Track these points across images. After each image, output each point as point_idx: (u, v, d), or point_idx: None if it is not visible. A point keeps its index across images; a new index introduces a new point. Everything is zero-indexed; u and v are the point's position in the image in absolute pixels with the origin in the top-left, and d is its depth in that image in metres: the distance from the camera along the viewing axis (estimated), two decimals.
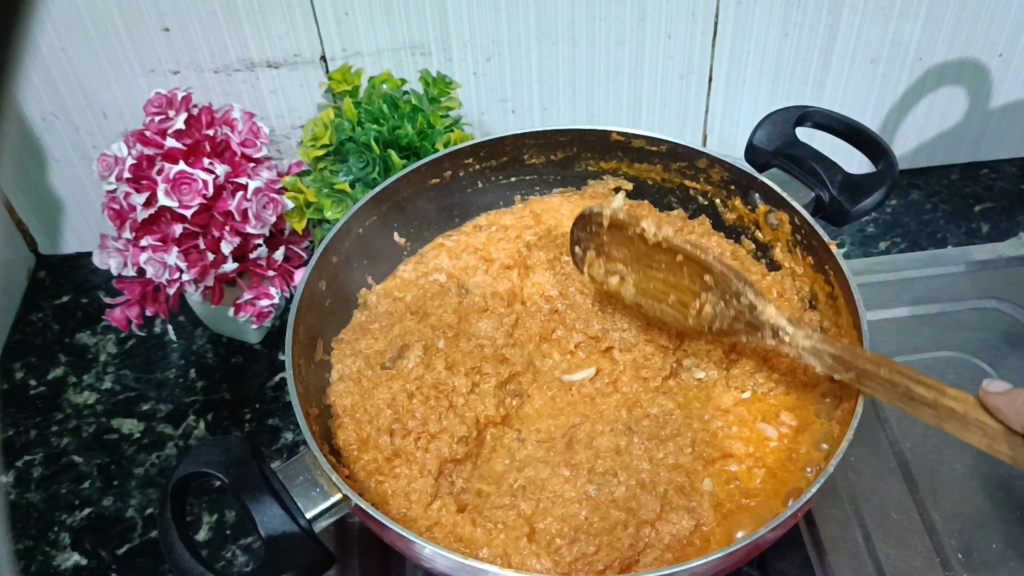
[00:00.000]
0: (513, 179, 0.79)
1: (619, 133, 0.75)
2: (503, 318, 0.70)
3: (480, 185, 0.78)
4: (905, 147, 1.02)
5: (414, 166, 0.74)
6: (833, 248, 0.66)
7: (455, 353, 0.68)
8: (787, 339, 0.59)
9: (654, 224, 0.63)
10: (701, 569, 0.52)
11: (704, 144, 0.99)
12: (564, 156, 0.78)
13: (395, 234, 0.76)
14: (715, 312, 0.61)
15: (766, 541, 0.55)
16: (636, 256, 0.65)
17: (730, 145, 0.97)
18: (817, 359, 0.58)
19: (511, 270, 0.75)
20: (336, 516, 0.56)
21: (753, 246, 0.76)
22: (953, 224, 0.99)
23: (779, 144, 0.73)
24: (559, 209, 0.80)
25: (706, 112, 0.96)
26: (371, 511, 0.54)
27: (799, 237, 0.71)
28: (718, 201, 0.76)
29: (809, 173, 0.71)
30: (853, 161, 0.74)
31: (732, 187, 0.74)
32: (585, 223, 0.68)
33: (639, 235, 0.64)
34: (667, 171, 0.77)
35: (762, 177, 0.72)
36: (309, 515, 0.55)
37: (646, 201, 0.79)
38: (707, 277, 0.61)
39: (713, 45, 0.90)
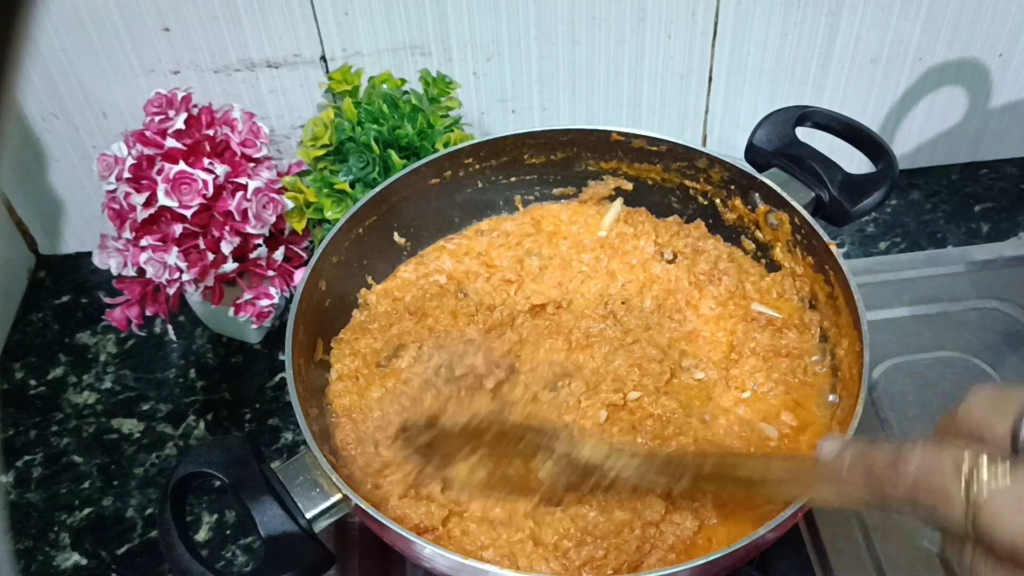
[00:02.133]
0: (513, 179, 0.79)
1: (619, 133, 0.75)
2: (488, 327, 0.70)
3: (480, 185, 0.78)
4: (905, 147, 1.02)
5: (414, 166, 0.74)
6: (833, 248, 0.66)
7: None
8: (612, 473, 0.56)
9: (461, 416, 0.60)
10: (701, 569, 0.52)
11: (704, 144, 0.99)
12: (564, 156, 0.78)
13: (395, 234, 0.76)
14: (550, 471, 0.57)
15: (766, 541, 0.55)
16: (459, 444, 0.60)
17: (730, 145, 0.97)
18: (652, 479, 0.55)
19: (511, 284, 0.75)
20: (336, 516, 0.56)
21: (753, 246, 0.76)
22: (953, 224, 0.99)
23: (779, 144, 0.73)
24: (559, 216, 0.80)
25: (706, 112, 0.96)
26: (371, 511, 0.54)
27: (799, 237, 0.71)
28: (718, 201, 0.76)
29: (809, 173, 0.71)
30: (853, 161, 0.74)
31: (732, 187, 0.74)
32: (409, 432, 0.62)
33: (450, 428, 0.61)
34: (667, 171, 0.77)
35: (762, 177, 0.72)
36: (309, 515, 0.55)
37: (643, 208, 0.79)
38: (525, 440, 0.58)
39: (713, 45, 0.90)
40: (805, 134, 0.74)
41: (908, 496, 0.41)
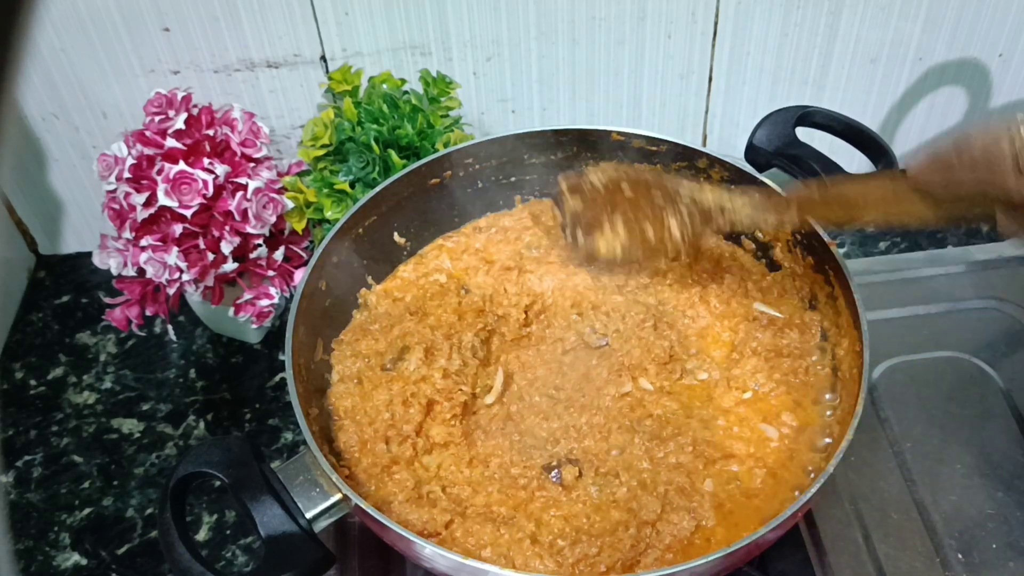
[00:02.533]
0: (513, 179, 0.79)
1: (619, 133, 0.75)
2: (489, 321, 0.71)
3: (480, 185, 0.78)
4: (905, 147, 1.02)
5: (414, 166, 0.74)
6: (833, 248, 0.66)
7: (452, 355, 0.68)
8: (730, 212, 0.61)
9: (596, 171, 0.65)
10: (701, 569, 0.52)
11: (704, 144, 0.99)
12: (564, 156, 0.78)
13: (395, 234, 0.76)
14: (680, 223, 0.63)
15: (766, 541, 0.55)
16: (601, 210, 0.66)
17: (730, 145, 0.97)
18: (763, 215, 0.60)
19: (511, 271, 0.75)
20: (336, 516, 0.56)
21: (753, 246, 0.76)
22: (953, 224, 0.99)
23: (779, 144, 0.73)
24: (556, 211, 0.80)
25: (706, 112, 0.96)
26: (371, 511, 0.54)
27: (799, 237, 0.71)
28: None
29: (809, 173, 0.71)
30: (853, 161, 0.74)
31: (732, 187, 0.74)
32: (557, 202, 0.69)
33: (592, 189, 0.65)
34: (667, 171, 0.77)
35: (762, 177, 0.71)
36: (309, 515, 0.55)
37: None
38: (654, 193, 0.63)
39: (713, 45, 0.90)
40: (805, 134, 0.74)
41: (970, 169, 0.46)
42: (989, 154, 0.44)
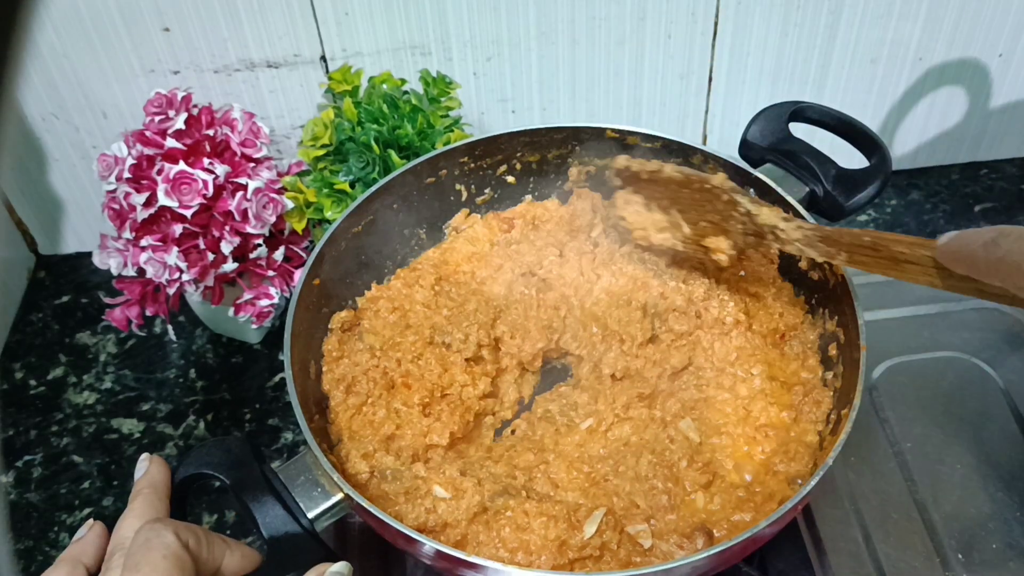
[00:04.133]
0: (511, 178, 0.79)
1: (613, 130, 0.75)
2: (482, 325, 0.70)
3: (478, 183, 0.78)
4: (905, 147, 1.02)
5: (409, 165, 0.74)
6: None
7: (449, 355, 0.68)
8: (783, 236, 0.62)
9: (669, 165, 0.67)
10: (698, 563, 0.52)
11: (704, 144, 0.99)
12: (559, 153, 0.78)
13: (393, 233, 0.76)
14: (733, 233, 0.65)
15: (763, 536, 0.55)
16: (665, 198, 0.69)
17: (730, 145, 0.97)
18: (812, 248, 0.61)
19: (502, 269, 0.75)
20: (338, 516, 0.56)
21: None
22: (953, 224, 0.99)
23: (773, 140, 0.73)
24: (553, 208, 0.81)
25: (706, 112, 0.96)
26: (373, 510, 0.54)
27: None
28: None
29: (803, 168, 0.72)
30: (853, 159, 0.74)
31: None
32: (621, 175, 0.71)
33: (653, 177, 0.67)
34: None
35: (757, 172, 0.71)
36: (311, 515, 0.55)
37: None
38: (716, 197, 0.65)
39: (713, 45, 0.90)
40: (804, 134, 0.74)
41: (994, 270, 0.47)
42: (1018, 266, 0.45)
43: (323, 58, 0.86)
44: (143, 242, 0.74)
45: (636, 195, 0.71)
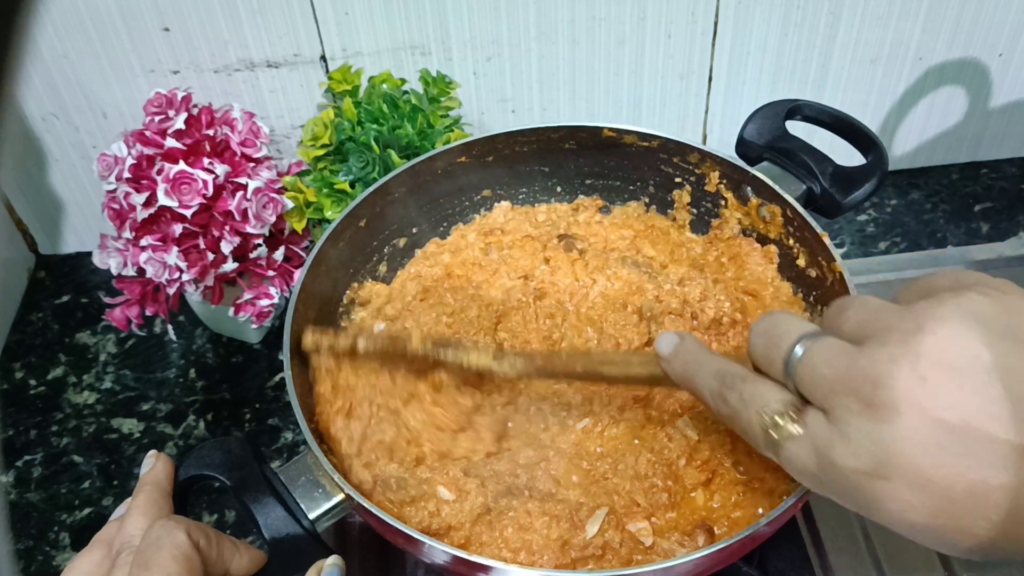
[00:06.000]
0: (507, 178, 0.79)
1: (611, 129, 0.75)
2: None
3: (476, 183, 0.78)
4: (905, 147, 1.02)
5: (407, 165, 0.74)
6: (826, 240, 0.67)
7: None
8: (501, 374, 0.60)
9: (362, 339, 0.63)
10: (698, 562, 0.52)
11: (704, 143, 0.99)
12: (557, 152, 0.78)
13: (392, 233, 0.76)
14: (456, 382, 0.63)
15: (762, 535, 0.55)
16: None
17: (730, 145, 0.97)
18: (531, 378, 0.61)
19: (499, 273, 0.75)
20: (339, 516, 0.56)
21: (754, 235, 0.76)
22: (953, 224, 0.99)
23: (770, 138, 0.73)
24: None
25: (706, 112, 0.96)
26: (374, 510, 0.54)
27: (791, 229, 0.71)
28: None
29: (800, 166, 0.72)
30: (852, 159, 0.74)
31: (724, 181, 0.74)
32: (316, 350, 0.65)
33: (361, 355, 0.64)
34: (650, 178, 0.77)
35: (753, 170, 0.71)
36: (312, 516, 0.55)
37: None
38: (425, 363, 0.62)
39: (713, 45, 0.90)
40: (804, 134, 0.74)
41: (729, 420, 0.46)
42: (745, 430, 0.45)
43: (323, 58, 0.86)
44: (143, 242, 0.74)
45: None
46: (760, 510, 0.59)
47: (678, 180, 0.77)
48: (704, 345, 0.52)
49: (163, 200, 0.73)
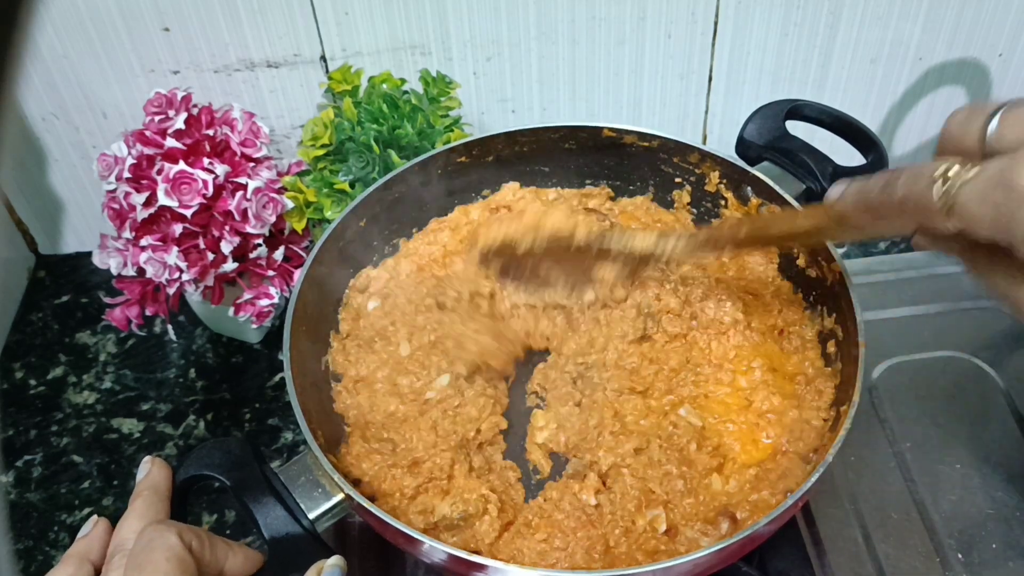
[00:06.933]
0: (506, 177, 0.79)
1: (611, 129, 0.75)
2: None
3: (476, 182, 0.78)
4: (905, 147, 1.02)
5: (407, 165, 0.74)
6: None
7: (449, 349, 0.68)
8: (664, 255, 0.63)
9: (528, 239, 0.65)
10: (698, 561, 0.52)
11: (704, 143, 0.99)
12: (557, 152, 0.78)
13: (391, 233, 0.76)
14: (616, 272, 0.66)
15: (761, 535, 0.55)
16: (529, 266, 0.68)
17: (730, 145, 0.97)
18: (696, 254, 0.63)
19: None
20: (338, 516, 0.56)
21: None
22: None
23: (770, 138, 0.74)
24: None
25: (706, 112, 0.96)
26: (374, 510, 0.54)
27: None
28: None
29: (800, 165, 0.72)
30: (852, 159, 0.74)
31: (724, 181, 0.74)
32: (487, 257, 0.69)
33: (523, 253, 0.66)
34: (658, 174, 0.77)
35: (753, 170, 0.72)
36: (312, 516, 0.55)
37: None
38: (588, 255, 0.65)
39: (713, 45, 0.90)
40: (804, 134, 0.74)
41: (899, 211, 0.48)
42: (918, 202, 0.46)
43: (323, 58, 0.86)
44: (143, 242, 0.74)
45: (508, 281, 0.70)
46: (768, 493, 0.60)
47: (678, 180, 0.77)
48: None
49: (163, 200, 0.73)
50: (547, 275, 0.68)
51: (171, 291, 0.76)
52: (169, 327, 0.85)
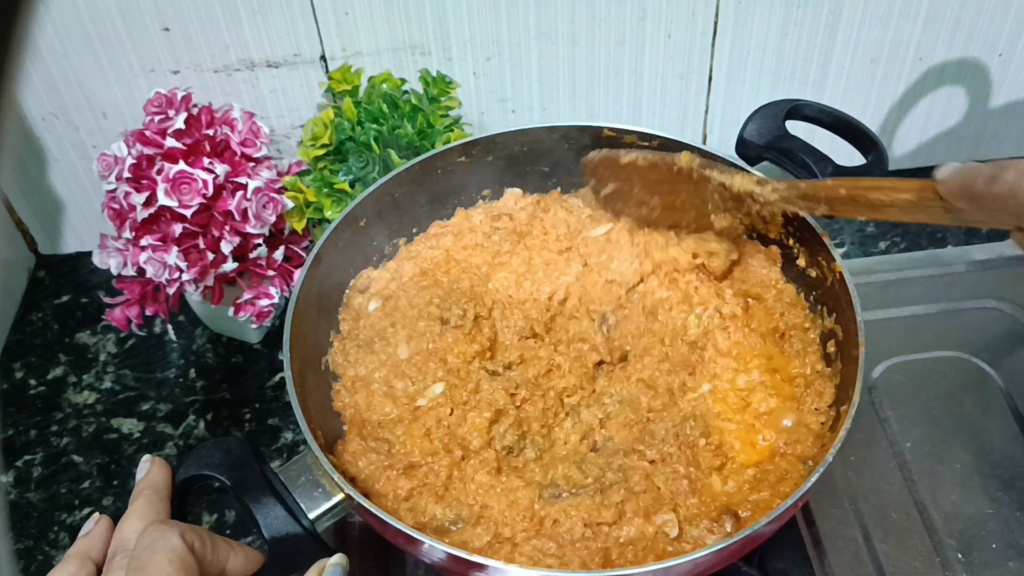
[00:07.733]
0: (506, 177, 0.79)
1: (610, 129, 0.75)
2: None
3: (475, 182, 0.78)
4: (905, 147, 1.02)
5: (407, 165, 0.74)
6: (826, 240, 0.67)
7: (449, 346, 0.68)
8: (761, 199, 0.63)
9: (633, 152, 0.68)
10: (698, 561, 0.52)
11: (704, 143, 0.99)
12: (556, 152, 0.78)
13: (391, 233, 0.76)
14: (713, 205, 0.66)
15: (761, 535, 0.55)
16: (632, 185, 0.70)
17: (730, 145, 0.97)
18: (790, 204, 0.63)
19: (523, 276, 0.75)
20: (338, 516, 0.56)
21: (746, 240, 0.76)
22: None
23: (770, 138, 0.73)
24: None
25: (706, 112, 0.96)
26: (374, 510, 0.54)
27: (791, 229, 0.71)
28: None
29: (800, 166, 0.72)
30: (852, 160, 0.73)
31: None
32: (594, 167, 0.72)
33: (627, 167, 0.69)
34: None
35: (754, 170, 0.71)
36: (312, 516, 0.55)
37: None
38: (688, 182, 0.66)
39: (713, 45, 0.90)
40: (805, 134, 0.74)
41: (1001, 207, 0.47)
42: (1023, 203, 0.46)
43: (323, 58, 0.86)
44: (143, 242, 0.74)
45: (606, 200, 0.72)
46: (768, 494, 0.60)
47: None
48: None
49: (163, 200, 0.73)
50: (651, 210, 0.70)
51: (171, 291, 0.76)
52: (169, 327, 0.85)
